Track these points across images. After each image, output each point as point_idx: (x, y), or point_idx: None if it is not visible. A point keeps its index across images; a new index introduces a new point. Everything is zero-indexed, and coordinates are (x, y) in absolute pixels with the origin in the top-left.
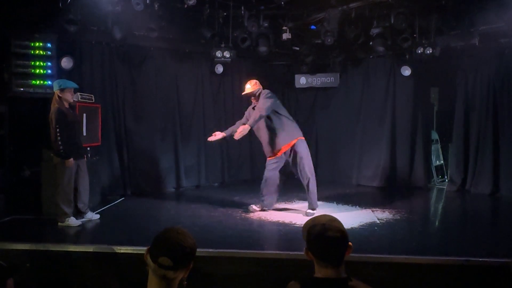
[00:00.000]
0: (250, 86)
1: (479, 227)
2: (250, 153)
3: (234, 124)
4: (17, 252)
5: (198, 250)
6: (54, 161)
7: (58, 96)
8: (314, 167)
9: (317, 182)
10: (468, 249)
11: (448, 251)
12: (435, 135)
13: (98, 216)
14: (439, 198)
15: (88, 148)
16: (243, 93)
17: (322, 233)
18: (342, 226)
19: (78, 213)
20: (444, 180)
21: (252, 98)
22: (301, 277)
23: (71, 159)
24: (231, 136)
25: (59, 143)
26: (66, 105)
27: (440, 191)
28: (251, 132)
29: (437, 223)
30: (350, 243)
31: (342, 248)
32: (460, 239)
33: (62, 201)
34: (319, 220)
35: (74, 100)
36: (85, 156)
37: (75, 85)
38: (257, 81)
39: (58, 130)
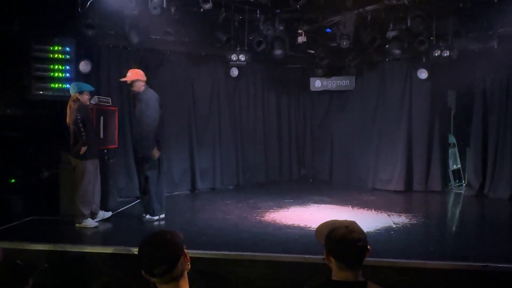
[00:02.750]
0: (131, 75)
1: (498, 232)
2: (265, 156)
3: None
4: (36, 252)
5: (213, 252)
6: (73, 163)
7: (77, 98)
8: (329, 170)
9: (332, 185)
10: (486, 255)
11: (466, 256)
12: (452, 139)
13: (110, 213)
14: (456, 203)
15: (105, 151)
16: (122, 79)
17: (347, 235)
18: (361, 228)
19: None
20: (462, 185)
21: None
22: (316, 283)
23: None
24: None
25: (83, 134)
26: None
27: (458, 195)
28: (265, 135)
29: (454, 228)
30: (368, 246)
31: (364, 250)
32: (478, 245)
33: (81, 202)
34: (339, 223)
35: (90, 103)
36: (101, 157)
37: (91, 88)
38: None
39: (81, 125)
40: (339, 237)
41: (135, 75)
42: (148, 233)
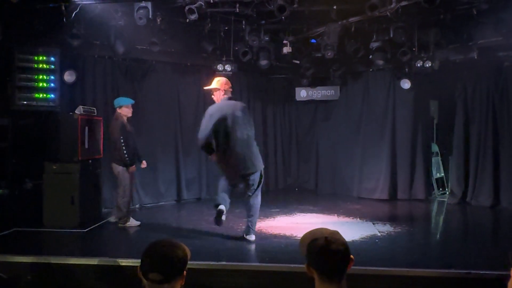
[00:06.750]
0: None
1: (480, 239)
2: None
3: None
4: (19, 264)
5: (199, 263)
6: (115, 170)
7: (119, 113)
8: (315, 179)
9: (318, 194)
10: (469, 262)
11: (450, 263)
12: (435, 148)
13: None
14: (440, 211)
15: (90, 161)
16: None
17: (326, 247)
18: (344, 238)
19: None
20: (445, 193)
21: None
22: None
23: (134, 165)
24: None
25: (124, 152)
26: (125, 119)
27: (441, 203)
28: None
29: (438, 236)
30: (352, 256)
31: (345, 262)
32: (461, 252)
33: (124, 204)
34: (320, 233)
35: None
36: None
37: (131, 101)
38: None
39: (122, 141)
40: (318, 249)
41: (214, 84)
42: (167, 239)
